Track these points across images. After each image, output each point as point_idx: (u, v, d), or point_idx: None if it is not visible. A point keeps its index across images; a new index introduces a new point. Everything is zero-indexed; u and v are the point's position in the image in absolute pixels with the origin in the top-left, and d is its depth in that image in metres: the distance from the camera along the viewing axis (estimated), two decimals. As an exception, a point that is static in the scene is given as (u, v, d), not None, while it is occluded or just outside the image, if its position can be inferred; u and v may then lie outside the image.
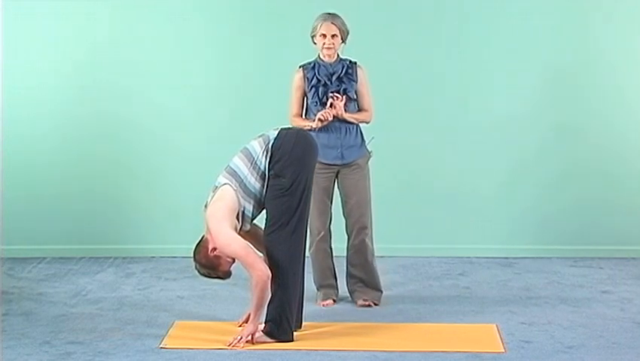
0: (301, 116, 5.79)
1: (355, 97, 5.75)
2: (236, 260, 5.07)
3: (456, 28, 6.96)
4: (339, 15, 5.71)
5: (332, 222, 5.85)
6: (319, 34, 5.67)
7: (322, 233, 5.80)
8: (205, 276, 5.18)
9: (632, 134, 6.99)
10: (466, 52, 6.96)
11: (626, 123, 6.99)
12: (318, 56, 5.74)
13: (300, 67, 5.78)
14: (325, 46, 5.67)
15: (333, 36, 5.66)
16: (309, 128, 5.59)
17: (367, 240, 5.79)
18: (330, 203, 5.82)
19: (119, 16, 6.96)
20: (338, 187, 5.84)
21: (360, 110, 5.79)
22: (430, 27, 6.96)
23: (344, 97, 5.67)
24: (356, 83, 5.73)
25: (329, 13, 5.69)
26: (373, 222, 5.83)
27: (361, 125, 5.80)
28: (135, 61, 6.99)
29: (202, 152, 6.96)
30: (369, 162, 5.81)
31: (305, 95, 5.79)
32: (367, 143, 5.80)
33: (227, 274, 5.15)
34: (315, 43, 5.74)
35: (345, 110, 5.68)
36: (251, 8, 6.98)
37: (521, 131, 7.00)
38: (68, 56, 6.97)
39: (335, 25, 5.65)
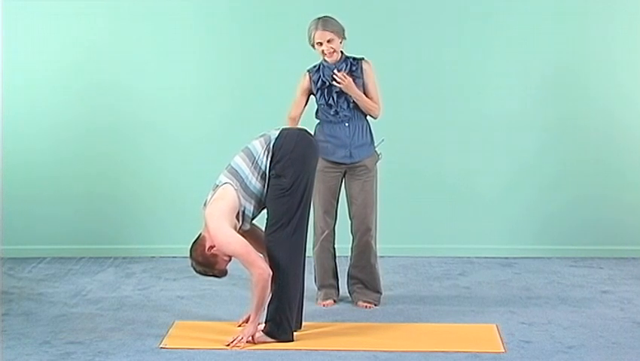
0: (296, 120, 5.77)
1: (362, 93, 5.74)
2: (234, 259, 5.07)
3: (456, 27, 6.96)
4: (331, 16, 5.67)
5: (337, 222, 5.85)
6: (315, 42, 5.67)
7: (326, 232, 5.81)
8: (201, 274, 5.17)
9: (633, 135, 6.99)
10: (466, 51, 6.96)
11: (626, 124, 6.99)
12: (323, 58, 5.75)
13: (307, 71, 5.78)
14: (325, 52, 5.68)
15: (328, 41, 5.65)
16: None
17: (371, 242, 5.79)
18: (336, 203, 5.82)
19: (119, 15, 6.96)
20: (345, 188, 5.84)
21: None
22: (430, 27, 6.95)
23: (347, 76, 5.66)
24: (361, 79, 5.72)
25: (319, 19, 5.65)
26: (378, 225, 5.83)
27: (369, 122, 5.79)
28: (135, 59, 6.99)
29: (203, 151, 6.96)
30: (377, 164, 5.81)
31: (308, 98, 5.80)
32: (376, 145, 5.80)
33: (222, 273, 5.15)
34: (315, 49, 5.74)
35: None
36: (251, 6, 6.98)
37: (521, 131, 7.00)
38: (67, 55, 6.97)
39: (327, 30, 5.63)
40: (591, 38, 6.96)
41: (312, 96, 5.82)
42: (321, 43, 5.66)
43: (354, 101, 5.70)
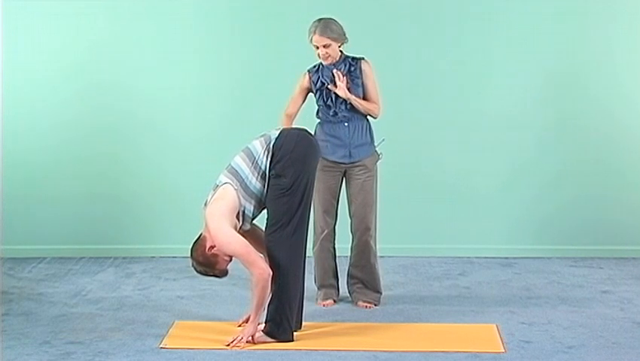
0: (292, 117, 5.77)
1: (361, 94, 5.74)
2: (235, 259, 5.07)
3: (456, 27, 6.96)
4: (332, 19, 5.66)
5: (337, 222, 5.85)
6: (313, 45, 5.68)
7: (326, 232, 5.81)
8: (202, 274, 5.17)
9: (633, 135, 6.99)
10: (466, 51, 6.96)
11: (626, 124, 6.99)
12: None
13: (307, 71, 5.78)
14: (321, 57, 5.69)
15: (324, 46, 5.66)
16: None
17: (370, 241, 5.79)
18: (335, 203, 5.82)
19: (119, 15, 6.96)
20: (345, 187, 5.85)
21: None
22: (430, 27, 6.95)
23: (345, 77, 5.66)
24: (360, 79, 5.73)
25: (320, 20, 5.65)
26: (377, 224, 5.84)
27: (370, 121, 5.79)
28: (135, 59, 6.99)
29: (203, 151, 6.96)
30: (377, 164, 5.81)
31: (305, 97, 5.81)
32: (376, 145, 5.80)
33: (223, 273, 5.15)
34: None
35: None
36: (251, 6, 6.98)
37: (520, 130, 7.00)
38: (67, 55, 6.97)
39: (324, 36, 5.63)
40: (591, 38, 6.95)
41: (310, 96, 5.83)
42: (317, 47, 5.67)
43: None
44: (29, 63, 6.97)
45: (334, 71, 5.68)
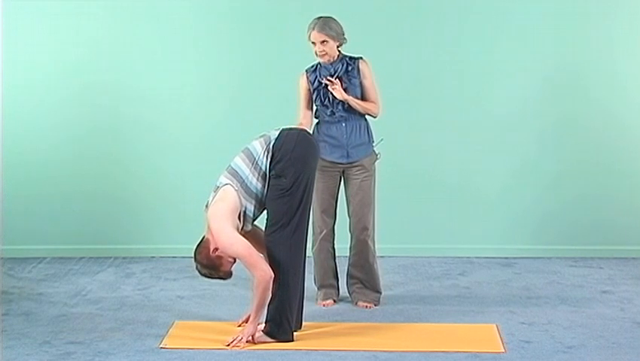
0: (305, 125, 5.74)
1: (359, 94, 5.74)
2: (238, 260, 5.07)
3: (456, 27, 6.96)
4: (332, 18, 5.67)
5: (336, 222, 5.85)
6: (311, 42, 5.68)
7: (325, 232, 5.81)
8: (206, 276, 5.18)
9: (633, 135, 6.99)
10: (466, 51, 6.96)
11: (626, 124, 6.99)
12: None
13: (305, 71, 5.78)
14: (318, 53, 5.69)
15: (322, 42, 5.66)
16: None
17: (368, 241, 5.79)
18: (334, 202, 5.81)
19: (119, 15, 6.96)
20: (344, 187, 5.84)
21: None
22: (430, 27, 6.95)
23: (337, 80, 5.66)
24: (358, 79, 5.73)
25: (320, 18, 5.66)
26: (375, 224, 5.83)
27: (369, 121, 5.78)
28: (135, 59, 6.99)
29: (203, 151, 6.96)
30: (375, 164, 5.81)
31: (311, 98, 5.80)
32: (374, 144, 5.80)
33: (228, 275, 5.15)
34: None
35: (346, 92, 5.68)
36: (251, 6, 6.98)
37: (520, 131, 7.00)
38: (68, 55, 6.97)
39: (322, 33, 5.63)
40: (591, 38, 6.95)
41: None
42: (315, 44, 5.67)
43: None
44: (29, 63, 6.97)
45: (326, 77, 5.66)
